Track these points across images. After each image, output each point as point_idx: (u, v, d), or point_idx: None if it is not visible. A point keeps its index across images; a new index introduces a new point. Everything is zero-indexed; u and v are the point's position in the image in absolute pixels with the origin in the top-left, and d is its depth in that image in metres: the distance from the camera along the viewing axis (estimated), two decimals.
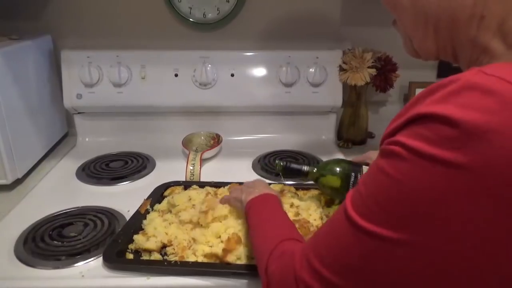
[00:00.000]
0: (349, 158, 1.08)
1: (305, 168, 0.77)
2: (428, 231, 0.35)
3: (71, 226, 0.77)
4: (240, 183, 0.85)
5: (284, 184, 0.85)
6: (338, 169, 0.74)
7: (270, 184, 0.84)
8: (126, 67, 1.12)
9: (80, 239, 0.73)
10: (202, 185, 0.87)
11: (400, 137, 0.37)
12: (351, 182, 0.72)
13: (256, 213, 0.63)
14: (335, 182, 0.73)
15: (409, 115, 0.37)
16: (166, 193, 0.86)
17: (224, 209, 0.73)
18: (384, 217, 0.37)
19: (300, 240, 0.53)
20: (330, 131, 1.22)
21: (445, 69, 1.24)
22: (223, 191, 0.83)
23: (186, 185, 0.88)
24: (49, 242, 0.72)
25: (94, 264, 0.68)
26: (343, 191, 0.73)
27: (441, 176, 0.34)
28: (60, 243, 0.72)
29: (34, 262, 0.68)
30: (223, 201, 0.76)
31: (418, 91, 1.21)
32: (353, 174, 0.73)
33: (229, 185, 0.85)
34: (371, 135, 1.24)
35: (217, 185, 0.87)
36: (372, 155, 0.79)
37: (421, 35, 0.47)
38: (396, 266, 0.37)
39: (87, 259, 0.68)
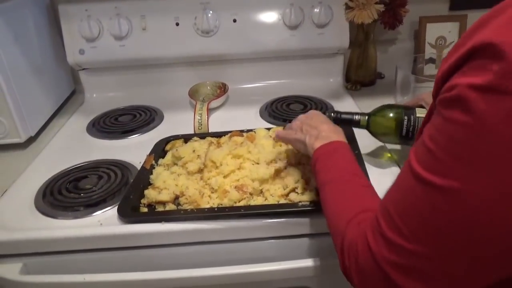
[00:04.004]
0: (358, 100, 1.08)
1: (356, 117, 0.75)
2: None
3: (86, 179, 0.80)
4: (241, 131, 0.85)
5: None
6: (390, 114, 0.73)
7: (269, 129, 0.85)
8: (126, 19, 1.09)
9: (95, 191, 0.76)
10: (203, 136, 0.87)
11: (462, 79, 0.33)
12: (404, 126, 0.72)
13: (326, 170, 0.57)
14: (388, 127, 0.73)
15: (468, 48, 0.33)
16: (167, 148, 0.86)
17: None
18: (466, 168, 0.33)
19: (372, 207, 0.47)
20: (338, 74, 1.19)
21: (459, 1, 1.17)
22: (225, 140, 0.83)
23: (186, 138, 0.88)
24: (66, 194, 0.76)
25: (111, 213, 0.71)
26: (396, 136, 0.73)
27: None
28: (77, 195, 0.75)
29: (55, 214, 0.71)
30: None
31: (430, 26, 1.16)
32: (405, 117, 0.72)
33: (230, 133, 0.85)
34: (380, 76, 1.21)
35: (218, 134, 0.87)
36: (424, 96, 0.75)
37: None
38: (482, 218, 0.34)
39: (104, 208, 0.72)
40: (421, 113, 0.73)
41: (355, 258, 0.43)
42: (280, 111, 1.03)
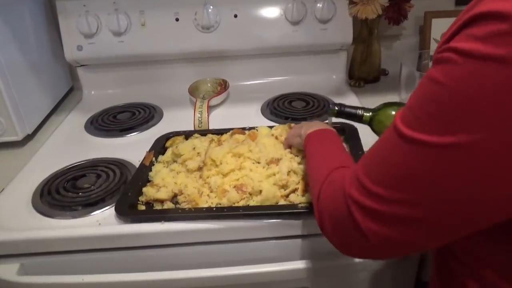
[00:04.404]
0: (362, 97, 1.06)
1: (360, 111, 0.75)
2: (481, 132, 0.34)
3: (84, 178, 0.78)
4: (243, 129, 0.84)
5: (290, 127, 0.83)
6: (393, 112, 0.72)
7: (271, 127, 0.84)
8: (125, 14, 1.07)
9: (94, 190, 0.74)
10: (204, 133, 0.86)
11: (453, 43, 0.36)
12: None
13: (312, 146, 0.64)
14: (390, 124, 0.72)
15: (463, 20, 0.36)
16: (167, 144, 0.84)
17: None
18: (435, 124, 0.36)
19: (353, 166, 0.52)
20: (341, 70, 1.17)
21: None
22: (226, 137, 0.81)
23: (187, 134, 0.86)
24: (64, 194, 0.74)
25: (109, 212, 0.69)
26: None
27: (493, 74, 0.32)
28: (75, 194, 0.74)
29: (52, 213, 0.70)
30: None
31: (435, 21, 1.14)
32: None
33: (231, 131, 0.84)
34: (384, 72, 1.19)
35: (219, 132, 0.85)
36: None
37: None
38: (446, 171, 0.36)
39: (102, 208, 0.70)
40: None
41: (327, 194, 0.48)
42: (282, 108, 1.01)
